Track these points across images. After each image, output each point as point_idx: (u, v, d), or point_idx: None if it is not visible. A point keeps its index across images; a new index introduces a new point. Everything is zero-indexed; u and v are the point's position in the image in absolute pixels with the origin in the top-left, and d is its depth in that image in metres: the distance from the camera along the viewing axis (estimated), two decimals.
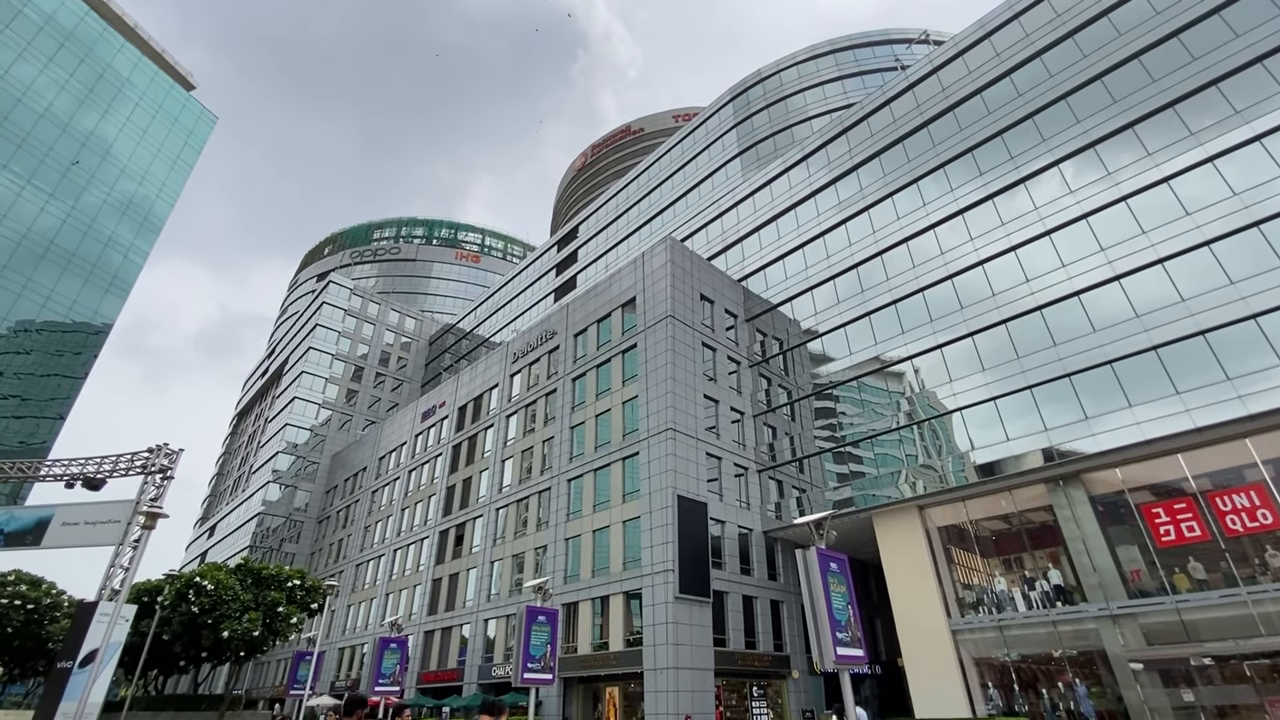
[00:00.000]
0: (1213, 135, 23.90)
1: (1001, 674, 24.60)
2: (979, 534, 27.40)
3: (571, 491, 34.98)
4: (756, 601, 30.71)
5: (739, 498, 32.65)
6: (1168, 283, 23.19)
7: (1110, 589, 21.95)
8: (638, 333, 35.21)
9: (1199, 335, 21.84)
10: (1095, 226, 25.89)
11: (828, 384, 33.71)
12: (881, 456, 30.17)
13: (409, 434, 55.28)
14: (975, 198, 30.55)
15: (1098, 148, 27.07)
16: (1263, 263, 21.28)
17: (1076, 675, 22.75)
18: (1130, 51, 27.42)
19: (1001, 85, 31.81)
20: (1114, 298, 24.42)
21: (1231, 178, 22.93)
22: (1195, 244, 22.92)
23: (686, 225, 48.55)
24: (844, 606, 12.80)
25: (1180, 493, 21.74)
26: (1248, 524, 20.00)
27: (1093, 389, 23.83)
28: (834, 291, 35.22)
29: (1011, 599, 24.76)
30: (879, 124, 37.18)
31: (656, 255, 36.75)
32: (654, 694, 25.60)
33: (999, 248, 28.65)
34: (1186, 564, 21.09)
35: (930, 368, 29.34)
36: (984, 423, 26.52)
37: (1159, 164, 24.96)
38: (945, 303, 29.80)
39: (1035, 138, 29.39)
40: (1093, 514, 23.21)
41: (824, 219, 37.71)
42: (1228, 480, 20.95)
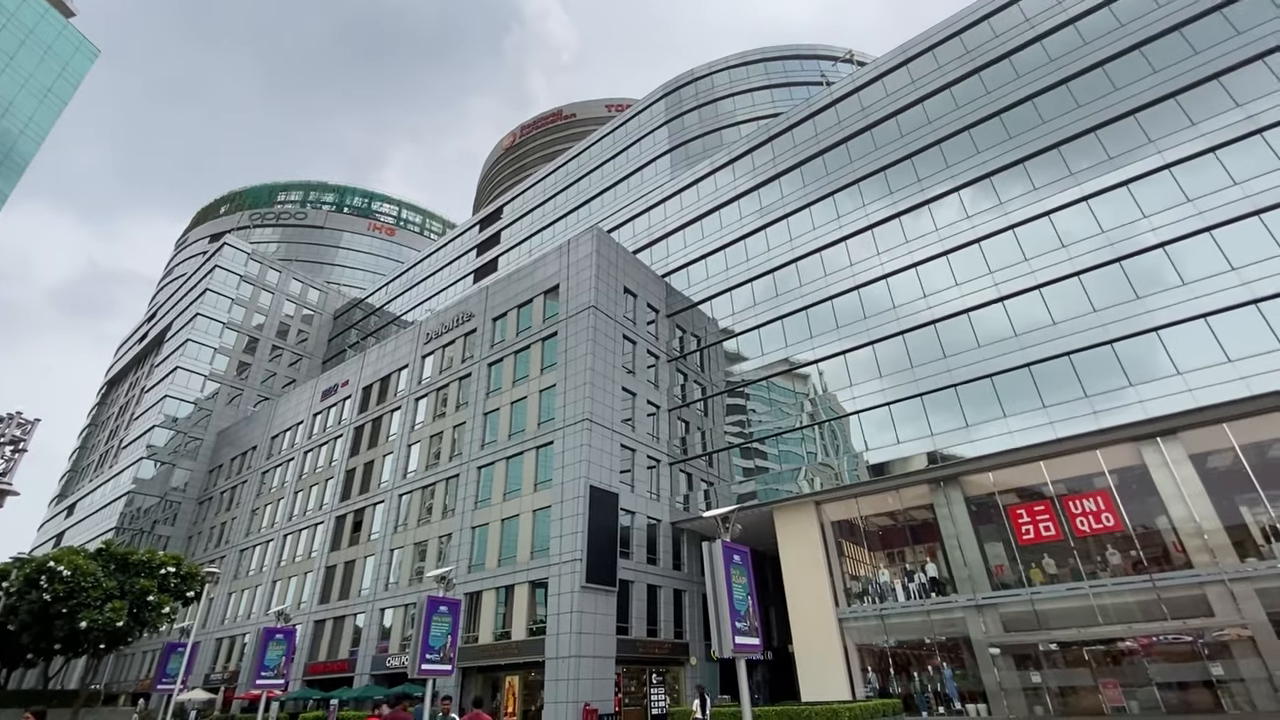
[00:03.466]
0: (1089, 177, 26.69)
1: (880, 659, 26.57)
2: (868, 529, 29.37)
3: (482, 479, 34.26)
4: (660, 591, 31.42)
5: (650, 489, 33.21)
6: (1043, 307, 25.73)
7: (977, 582, 24.20)
8: (559, 321, 34.88)
9: (1065, 356, 24.41)
10: (986, 251, 28.26)
11: (740, 382, 34.88)
12: (785, 454, 31.62)
13: (307, 413, 52.04)
14: (884, 215, 32.49)
15: (993, 179, 29.52)
16: (1122, 294, 24.06)
17: (944, 659, 24.97)
18: (1025, 94, 30.04)
19: (914, 111, 33.95)
20: (997, 317, 26.80)
21: (1102, 216, 25.72)
22: (1067, 274, 25.54)
23: (614, 217, 48.52)
24: (744, 597, 13.37)
25: (1040, 496, 24.29)
26: (1094, 526, 22.65)
27: (974, 399, 26.08)
28: (751, 294, 36.41)
29: (893, 590, 26.76)
30: (802, 136, 38.69)
31: (582, 244, 36.51)
32: (555, 682, 25.67)
33: (902, 264, 30.65)
34: (1042, 560, 23.62)
35: (834, 372, 31.01)
36: (878, 426, 28.38)
37: (1042, 198, 27.58)
38: (851, 312, 31.56)
39: (940, 163, 31.62)
40: (967, 513, 25.48)
41: (746, 223, 38.85)
42: (1079, 486, 23.63)
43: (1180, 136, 25.00)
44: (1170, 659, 20.79)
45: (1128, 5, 28.71)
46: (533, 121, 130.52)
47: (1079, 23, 29.87)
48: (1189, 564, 20.75)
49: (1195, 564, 20.58)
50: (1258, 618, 19.22)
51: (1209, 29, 26.03)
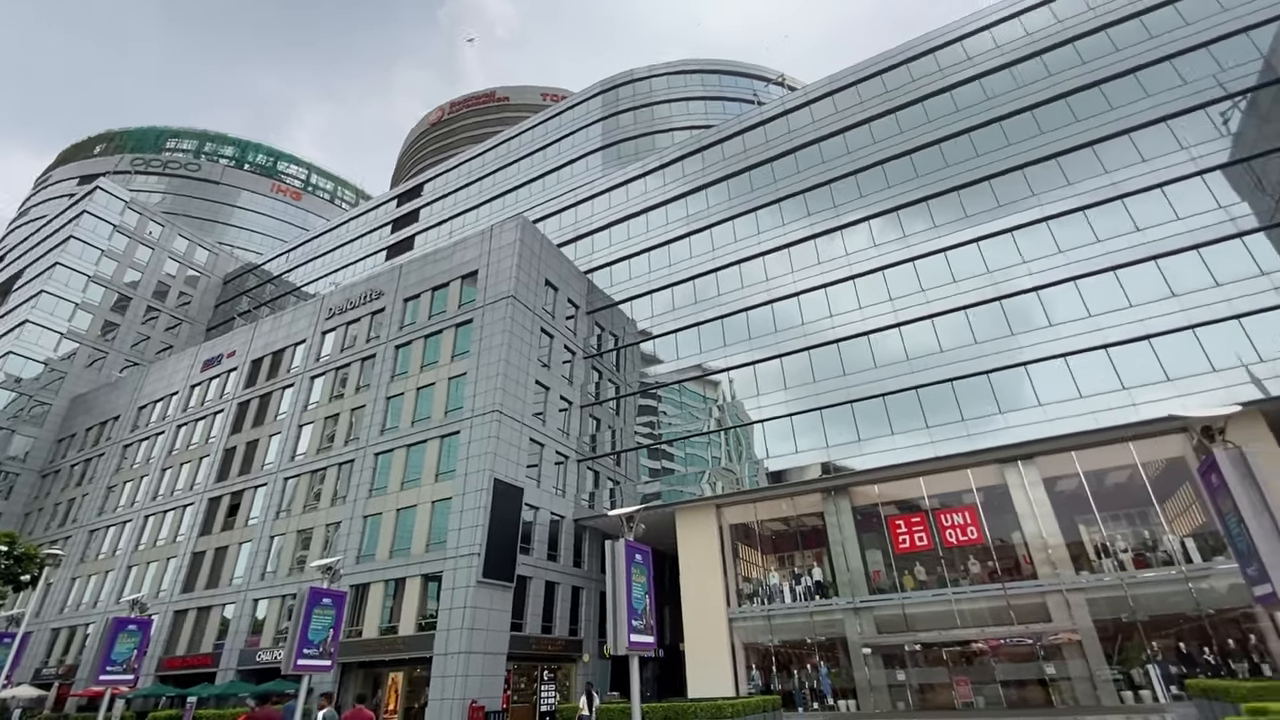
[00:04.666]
0: (981, 221, 29.31)
1: (764, 657, 27.86)
2: (763, 533, 30.72)
3: (379, 466, 32.71)
4: (559, 587, 31.32)
5: (556, 485, 33.02)
6: (933, 335, 27.99)
7: (857, 586, 25.95)
8: (475, 308, 33.95)
9: (948, 382, 26.69)
10: (889, 279, 30.34)
11: (654, 384, 35.43)
12: (691, 456, 32.46)
13: (183, 383, 47.52)
14: (801, 235, 34.12)
15: (899, 212, 31.76)
16: (999, 330, 26.63)
17: (822, 658, 26.57)
18: (933, 137, 32.55)
19: (836, 140, 35.89)
20: (893, 341, 28.85)
21: (989, 257, 28.32)
22: (956, 307, 27.93)
23: (540, 207, 47.84)
24: (643, 596, 13.64)
25: (917, 509, 26.41)
26: (960, 538, 24.89)
27: (868, 416, 27.93)
28: (671, 298, 37.08)
29: (781, 592, 28.15)
30: (731, 150, 39.88)
31: (506, 232, 35.74)
32: (442, 679, 24.97)
33: (813, 283, 32.30)
34: (914, 567, 25.68)
35: (743, 381, 32.19)
36: (780, 435, 29.76)
37: (940, 236, 29.99)
38: (763, 325, 32.89)
39: (855, 193, 33.62)
40: (853, 522, 27.25)
41: (672, 228, 39.52)
42: (951, 501, 25.91)
43: (1058, 194, 28.01)
44: (1013, 659, 23.24)
45: (1025, 69, 31.78)
46: (463, 100, 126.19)
47: (984, 79, 32.74)
48: (1035, 575, 23.28)
49: (1039, 575, 23.12)
50: (1086, 624, 21.88)
51: (1089, 101, 29.32)
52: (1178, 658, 21.53)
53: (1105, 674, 21.24)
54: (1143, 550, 22.65)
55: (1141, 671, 21.20)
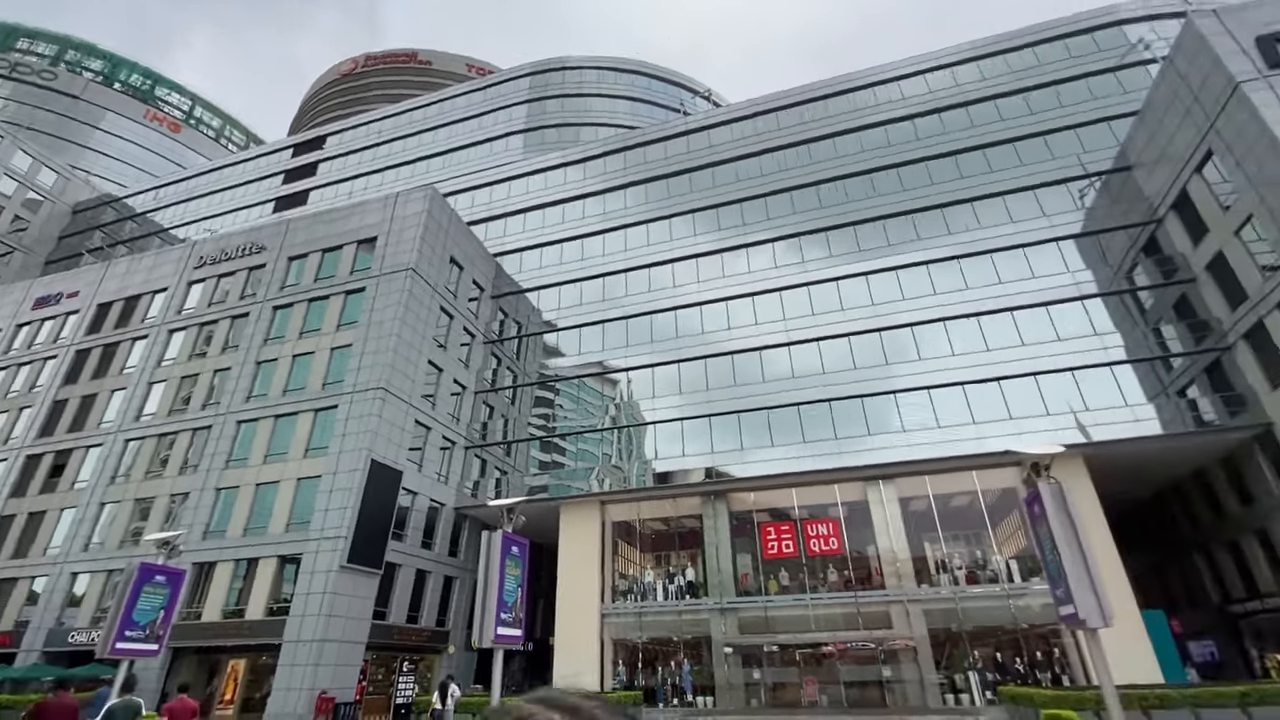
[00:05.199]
0: (872, 256, 31.57)
1: (632, 653, 28.39)
2: (643, 532, 31.30)
3: (241, 435, 30.01)
4: (430, 576, 30.21)
5: (439, 471, 31.83)
6: (818, 357, 29.79)
7: (726, 588, 27.07)
8: (371, 276, 32.02)
9: (827, 402, 28.50)
10: (785, 300, 31.93)
11: (553, 376, 35.10)
12: (582, 452, 32.48)
13: (8, 321, 41.13)
14: (710, 247, 35.14)
15: (801, 239, 33.53)
16: (876, 359, 28.81)
17: (686, 656, 27.47)
18: (838, 173, 34.69)
19: (752, 162, 37.30)
20: (783, 359, 30.41)
21: (875, 291, 30.56)
22: (842, 333, 29.90)
23: (452, 181, 45.95)
24: (515, 589, 13.47)
25: (787, 518, 27.99)
26: (823, 547, 26.66)
27: (752, 427, 29.24)
28: (580, 293, 36.90)
29: (654, 590, 28.80)
30: (654, 155, 40.35)
31: (413, 201, 34.01)
32: (290, 667, 23.30)
33: (716, 295, 33.36)
34: (779, 573, 27.18)
35: (641, 382, 32.66)
36: (670, 438, 30.48)
37: (835, 266, 31.98)
38: (666, 329, 33.54)
39: (763, 214, 35.10)
40: (728, 526, 28.40)
41: (588, 223, 39.35)
42: (818, 513, 27.69)
43: (939, 241, 30.76)
44: (857, 662, 25.20)
45: (925, 123, 34.64)
46: (382, 55, 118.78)
47: (888, 126, 35.32)
48: (883, 585, 25.38)
49: (887, 585, 25.24)
50: (921, 632, 24.13)
51: (974, 161, 32.44)
52: (994, 666, 24.32)
53: (933, 678, 23.52)
54: (974, 568, 25.34)
55: (963, 677, 23.70)
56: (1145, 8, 34.19)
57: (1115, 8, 34.61)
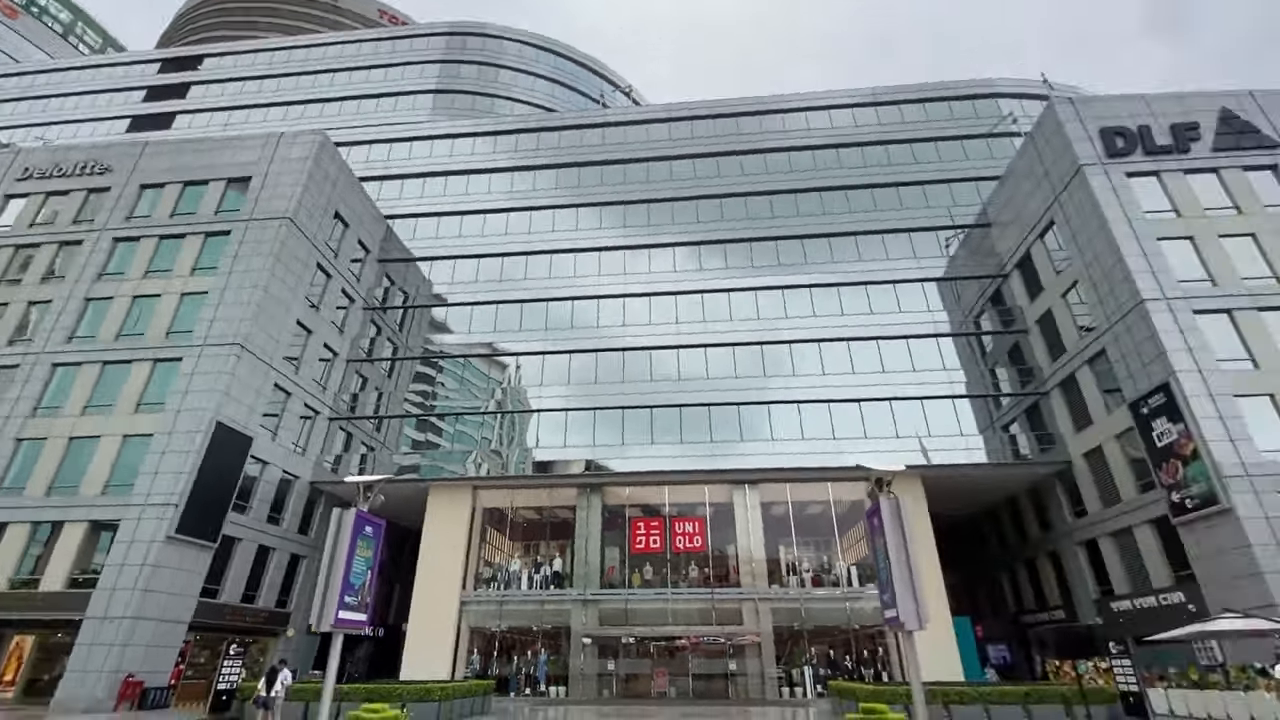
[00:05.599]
0: (763, 273, 33.15)
1: (489, 642, 27.90)
2: (515, 520, 30.86)
3: (56, 381, 26.03)
4: (274, 554, 27.88)
5: (297, 441, 29.43)
6: (704, 363, 30.86)
7: (591, 579, 27.32)
8: (239, 219, 28.94)
9: (707, 406, 29.60)
10: (679, 304, 32.74)
11: (438, 353, 33.62)
12: (460, 434, 31.42)
13: None
14: (614, 243, 35.26)
15: (701, 247, 34.54)
16: (756, 370, 30.31)
17: (543, 645, 27.43)
18: (742, 189, 36.09)
19: (664, 165, 37.87)
20: (671, 361, 31.18)
21: (762, 306, 32.12)
22: (728, 342, 31.16)
23: (348, 131, 42.63)
24: (364, 570, 12.72)
25: (658, 514, 28.76)
26: (688, 545, 27.65)
27: (635, 423, 29.73)
28: (476, 269, 35.63)
29: (519, 579, 28.47)
30: (568, 141, 39.81)
31: (300, 145, 31.15)
32: (90, 646, 20.55)
33: (615, 291, 33.55)
34: (644, 567, 27.85)
35: (531, 368, 32.14)
36: (554, 427, 30.26)
37: (730, 277, 33.26)
38: (562, 318, 33.25)
39: (669, 218, 35.76)
40: (600, 519, 28.69)
41: (493, 199, 38.06)
42: (686, 511, 28.69)
43: (824, 267, 32.90)
44: (707, 655, 26.41)
45: (824, 155, 36.87)
46: None
47: (792, 153, 37.22)
48: (739, 584, 26.78)
49: (742, 584, 26.66)
50: (767, 629, 25.73)
51: (862, 197, 35.01)
52: (827, 662, 26.48)
53: (773, 672, 25.18)
54: (820, 572, 27.42)
55: (799, 672, 25.59)
56: (1017, 86, 38.61)
57: (994, 82, 38.78)
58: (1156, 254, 23.65)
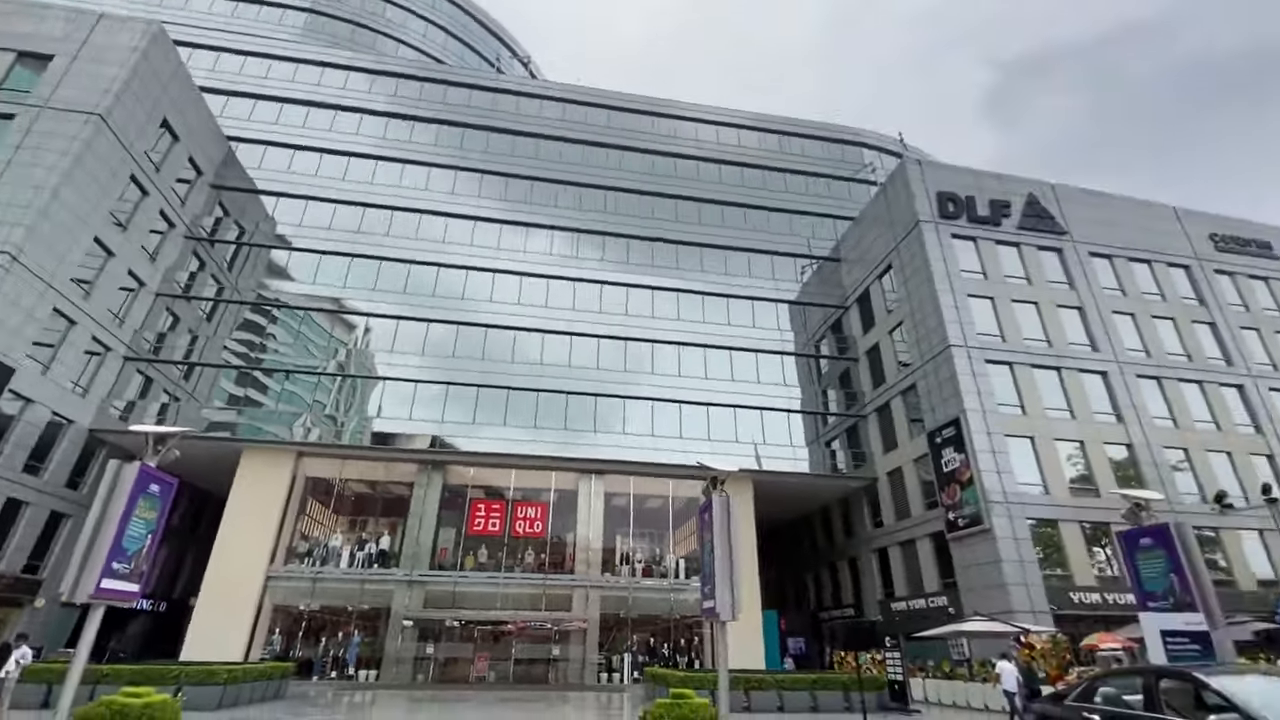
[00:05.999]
0: (637, 271, 33.76)
1: (295, 622, 25.62)
2: (343, 492, 28.66)
3: None
4: (28, 509, 23.32)
5: (78, 379, 24.87)
6: (568, 350, 30.76)
7: (420, 560, 26.12)
8: (30, 105, 23.83)
9: (565, 393, 29.54)
10: (550, 288, 32.33)
11: (273, 300, 30.15)
12: (288, 394, 28.48)
13: None
14: (491, 214, 33.95)
15: (580, 235, 34.38)
16: (618, 364, 30.78)
17: (357, 627, 25.75)
18: (630, 185, 36.46)
19: (554, 145, 37.14)
20: (535, 344, 30.70)
21: (632, 302, 32.68)
22: (594, 333, 31.32)
23: (195, 32, 36.82)
24: (143, 535, 11.01)
25: (501, 497, 28.21)
26: (528, 529, 27.39)
27: (489, 403, 28.88)
28: (332, 215, 32.47)
29: (339, 555, 26.45)
30: (456, 98, 37.65)
31: (126, 31, 26.36)
32: None
33: (486, 264, 32.33)
34: (479, 549, 27.17)
35: (383, 332, 29.96)
36: (401, 398, 28.47)
37: (604, 270, 33.46)
38: (423, 284, 31.36)
39: (552, 200, 35.16)
40: (439, 498, 27.52)
41: (361, 141, 34.91)
42: (531, 496, 28.46)
43: (694, 274, 34.25)
44: (533, 640, 26.38)
45: (706, 168, 38.35)
46: None
47: (678, 160, 38.28)
48: (573, 571, 27.06)
49: (576, 571, 26.98)
50: (595, 616, 26.26)
51: (735, 213, 36.90)
52: (646, 650, 27.62)
53: (594, 658, 25.76)
54: (650, 563, 28.53)
55: (620, 658, 26.42)
56: (880, 141, 42.94)
57: (861, 133, 42.79)
58: (965, 308, 27.53)
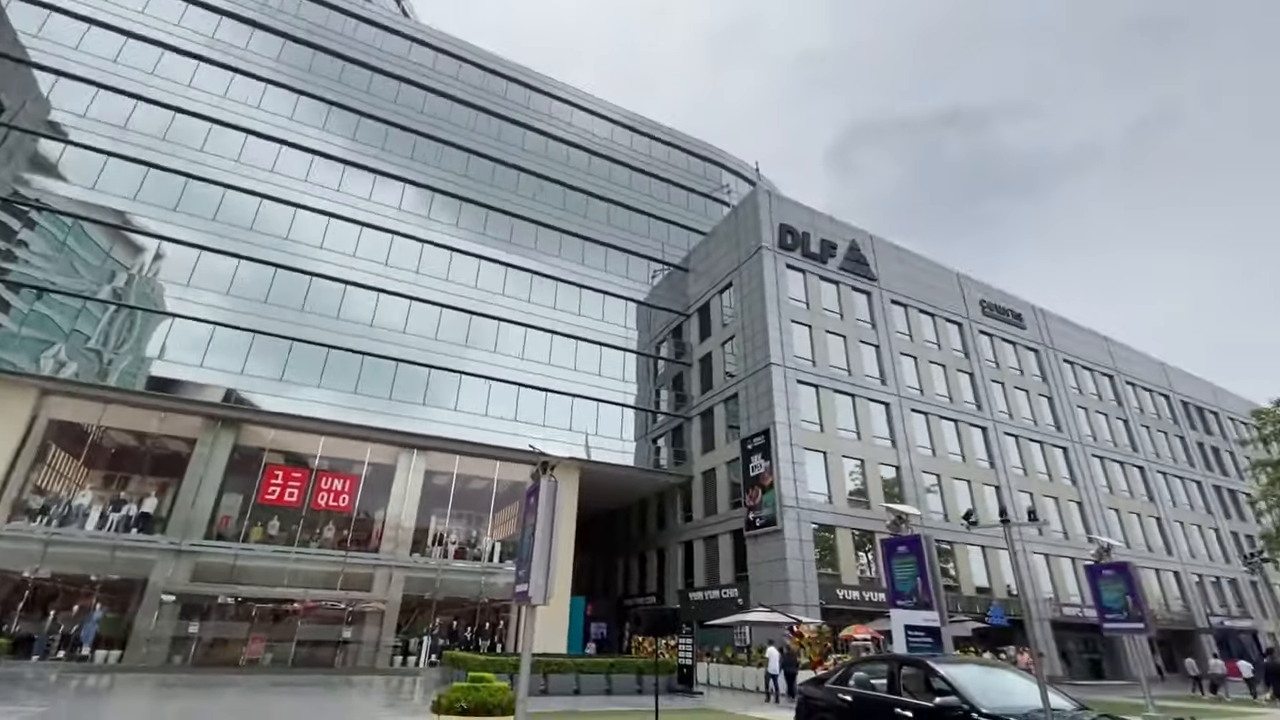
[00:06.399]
0: (492, 244, 32.66)
1: (16, 590, 21.22)
2: (100, 441, 24.32)
3: None
4: None
5: None
6: (404, 314, 28.90)
7: (195, 527, 22.95)
8: None
9: (395, 361, 27.73)
10: (394, 245, 30.10)
11: (33, 201, 24.49)
12: (39, 317, 23.36)
13: None
14: (335, 153, 30.71)
15: (436, 195, 32.39)
16: (457, 337, 29.58)
17: (101, 600, 21.97)
18: (494, 154, 35.16)
19: (418, 92, 34.53)
20: (366, 302, 28.39)
21: (482, 277, 31.56)
22: (436, 301, 29.70)
23: None
24: None
25: (304, 465, 25.74)
26: (330, 502, 25.25)
27: (303, 359, 26.18)
28: (130, 113, 27.20)
29: (86, 515, 22.31)
30: (310, 16, 33.35)
31: None
32: None
33: (320, 205, 29.11)
34: (269, 520, 24.53)
35: (179, 261, 25.76)
36: (192, 342, 24.72)
37: (457, 237, 31.88)
38: (239, 213, 27.49)
39: (408, 152, 32.65)
40: (227, 460, 24.39)
41: (181, 35, 29.65)
42: (340, 467, 26.30)
43: (550, 259, 33.98)
44: (321, 621, 24.44)
45: (576, 155, 38.26)
46: None
47: (551, 140, 37.72)
48: (378, 549, 25.55)
49: (382, 550, 25.50)
50: (397, 597, 25.03)
51: (599, 207, 37.28)
52: (448, 633, 26.93)
53: (390, 641, 24.57)
54: (465, 545, 27.88)
55: (418, 641, 25.47)
56: (737, 165, 45.99)
57: (724, 155, 45.52)
58: (788, 331, 30.56)
